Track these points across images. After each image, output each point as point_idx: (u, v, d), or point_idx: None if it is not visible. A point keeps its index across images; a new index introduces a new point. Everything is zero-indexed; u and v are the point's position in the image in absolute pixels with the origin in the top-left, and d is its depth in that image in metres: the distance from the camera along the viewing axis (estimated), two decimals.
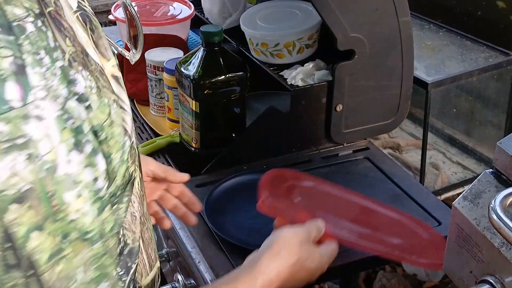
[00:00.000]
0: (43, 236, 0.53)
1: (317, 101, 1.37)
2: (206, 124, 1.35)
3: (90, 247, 0.56)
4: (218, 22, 1.69)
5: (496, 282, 0.84)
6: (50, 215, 0.53)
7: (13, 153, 0.50)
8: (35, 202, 0.52)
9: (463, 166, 1.62)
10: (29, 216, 0.52)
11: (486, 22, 1.67)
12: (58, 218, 0.53)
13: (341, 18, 1.27)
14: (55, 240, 0.53)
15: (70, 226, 0.54)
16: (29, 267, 0.52)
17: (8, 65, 0.51)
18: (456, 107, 1.67)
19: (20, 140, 0.51)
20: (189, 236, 1.18)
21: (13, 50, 0.51)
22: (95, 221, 0.56)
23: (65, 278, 0.55)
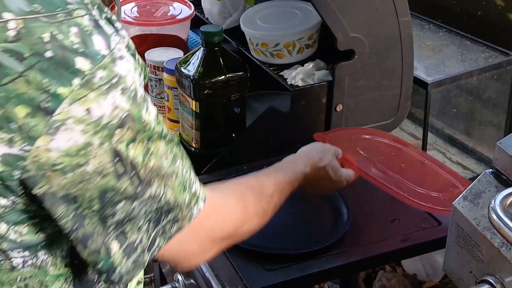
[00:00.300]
0: (137, 145, 0.68)
1: (317, 101, 1.37)
2: (206, 124, 1.35)
3: (164, 140, 0.72)
4: (218, 22, 1.69)
5: (496, 282, 0.84)
6: (141, 129, 0.69)
7: (112, 91, 0.65)
8: (131, 124, 0.67)
9: (463, 166, 1.62)
10: (128, 135, 0.67)
11: (486, 22, 1.67)
12: (146, 129, 0.69)
13: (341, 18, 1.27)
14: (143, 144, 0.69)
15: (151, 131, 0.70)
16: (132, 170, 0.69)
17: (88, 22, 0.64)
18: (456, 107, 1.67)
19: (114, 79, 0.65)
20: None
21: (84, 9, 0.65)
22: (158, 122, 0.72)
23: (158, 168, 0.71)
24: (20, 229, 0.72)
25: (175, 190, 0.74)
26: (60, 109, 0.62)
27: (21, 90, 0.62)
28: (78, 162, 0.65)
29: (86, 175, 0.66)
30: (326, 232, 1.18)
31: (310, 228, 1.20)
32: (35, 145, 0.63)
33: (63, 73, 0.62)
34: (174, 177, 0.74)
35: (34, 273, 0.76)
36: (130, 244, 0.72)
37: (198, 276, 1.14)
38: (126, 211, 0.70)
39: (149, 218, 0.73)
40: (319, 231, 1.19)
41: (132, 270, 0.74)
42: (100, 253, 0.72)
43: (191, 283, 1.19)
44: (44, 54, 0.62)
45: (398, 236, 1.16)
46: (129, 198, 0.70)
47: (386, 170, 1.19)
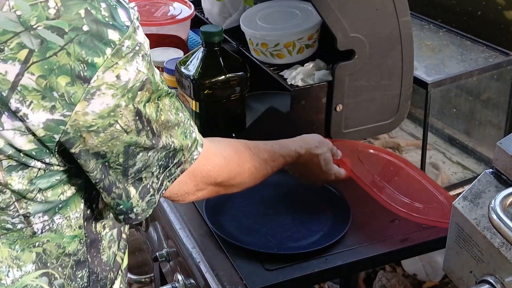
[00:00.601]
0: (151, 103, 0.78)
1: (317, 101, 1.37)
2: (206, 124, 1.35)
3: (168, 96, 0.82)
4: (218, 22, 1.68)
5: (496, 282, 0.84)
6: (155, 90, 0.78)
7: (136, 58, 0.73)
8: (149, 86, 0.76)
9: (463, 166, 1.62)
10: (146, 95, 0.76)
11: (486, 22, 1.67)
12: (158, 89, 0.79)
13: (341, 18, 1.27)
14: (155, 102, 0.79)
15: (160, 91, 0.79)
16: (147, 125, 0.78)
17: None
18: (456, 107, 1.67)
19: (137, 47, 0.73)
20: (189, 236, 1.18)
21: None
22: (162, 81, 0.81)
23: (166, 121, 0.81)
24: (47, 193, 0.80)
25: (179, 137, 0.84)
26: (96, 77, 0.71)
27: (62, 62, 0.69)
28: (109, 122, 0.74)
29: (115, 133, 0.75)
30: (326, 232, 1.18)
31: (310, 228, 1.20)
32: (74, 110, 0.71)
33: (98, 44, 0.70)
34: (177, 127, 0.84)
35: (51, 237, 0.84)
36: (144, 187, 0.84)
37: (198, 276, 1.14)
38: (144, 161, 0.81)
39: (160, 164, 0.84)
40: (319, 231, 1.19)
41: (146, 209, 0.86)
42: (122, 198, 0.82)
43: (191, 283, 1.20)
44: (82, 28, 0.69)
45: (398, 236, 1.16)
46: (146, 149, 0.80)
47: (378, 178, 1.25)
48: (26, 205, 0.79)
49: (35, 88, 0.69)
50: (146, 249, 1.65)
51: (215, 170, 0.95)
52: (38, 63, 0.69)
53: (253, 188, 1.27)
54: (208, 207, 1.21)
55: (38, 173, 0.77)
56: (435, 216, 1.17)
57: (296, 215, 1.23)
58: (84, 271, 0.89)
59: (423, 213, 1.17)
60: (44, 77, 0.69)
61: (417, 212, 1.16)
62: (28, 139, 0.73)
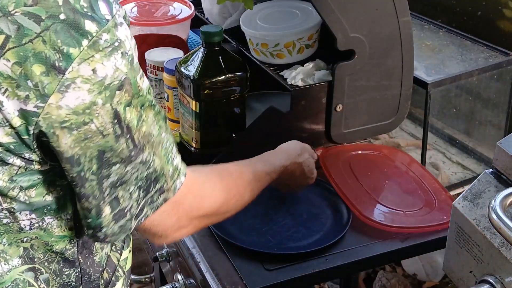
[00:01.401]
0: (132, 109, 0.75)
1: (317, 101, 1.37)
2: (206, 124, 1.35)
3: (153, 110, 0.78)
4: (218, 22, 1.68)
5: (496, 282, 0.84)
6: (136, 93, 0.75)
7: (114, 53, 0.71)
8: (128, 87, 0.73)
9: (463, 166, 1.62)
10: (125, 97, 0.73)
11: (486, 22, 1.67)
12: (140, 95, 0.75)
13: (341, 18, 1.27)
14: (137, 110, 0.75)
15: (143, 98, 0.76)
16: (127, 132, 0.75)
17: None
18: (456, 107, 1.67)
19: (116, 43, 0.71)
20: (189, 236, 1.18)
21: None
22: (149, 92, 0.78)
23: (149, 134, 0.78)
24: (30, 192, 0.78)
25: (162, 159, 0.81)
26: (71, 68, 0.69)
27: (38, 49, 0.68)
28: (84, 120, 0.71)
29: (89, 133, 0.72)
30: (326, 232, 1.18)
31: (310, 228, 1.20)
32: (47, 102, 0.69)
33: (74, 34, 0.69)
34: (161, 147, 0.80)
35: (40, 234, 0.82)
36: (120, 210, 0.79)
37: (198, 276, 1.14)
38: (120, 174, 0.77)
39: (140, 185, 0.79)
40: (319, 231, 1.19)
41: (117, 233, 0.81)
42: (91, 212, 0.78)
43: (191, 283, 1.20)
44: (59, 16, 0.68)
45: (398, 236, 1.16)
46: (124, 160, 0.76)
47: (361, 185, 1.27)
48: (11, 200, 0.78)
49: (10, 75, 0.68)
50: (146, 249, 1.65)
51: (198, 202, 0.90)
52: (14, 49, 0.68)
53: None
54: None
55: (19, 170, 0.76)
56: (414, 223, 1.18)
57: (296, 215, 1.23)
58: (72, 270, 0.88)
59: (401, 221, 1.18)
60: (19, 64, 0.68)
61: (396, 222, 1.18)
62: (5, 131, 0.71)
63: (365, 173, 1.31)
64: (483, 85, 1.60)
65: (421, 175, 1.31)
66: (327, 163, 1.32)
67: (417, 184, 1.29)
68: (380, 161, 1.37)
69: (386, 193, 1.26)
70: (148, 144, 0.78)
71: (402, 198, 1.25)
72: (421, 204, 1.22)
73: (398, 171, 1.34)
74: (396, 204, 1.22)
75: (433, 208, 1.21)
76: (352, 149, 1.40)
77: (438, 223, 1.17)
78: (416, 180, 1.30)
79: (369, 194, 1.24)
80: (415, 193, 1.26)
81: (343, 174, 1.29)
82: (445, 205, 1.21)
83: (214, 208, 0.94)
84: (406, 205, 1.22)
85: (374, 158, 1.38)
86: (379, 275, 1.62)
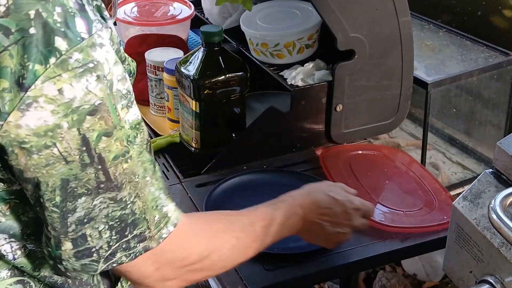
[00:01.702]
0: (112, 141, 0.68)
1: (317, 101, 1.37)
2: (206, 124, 1.35)
3: (146, 151, 0.73)
4: (218, 22, 1.68)
5: (496, 282, 0.84)
6: (117, 125, 0.68)
7: (86, 75, 0.65)
8: (105, 114, 0.67)
9: (463, 166, 1.62)
10: (100, 125, 0.67)
11: (486, 22, 1.67)
12: (121, 126, 0.69)
13: (341, 18, 1.27)
14: (122, 144, 0.69)
15: (123, 130, 0.69)
16: (99, 163, 0.68)
17: (73, 4, 0.66)
18: (456, 107, 1.67)
19: (91, 64, 0.65)
20: None
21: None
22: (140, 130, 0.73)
23: (131, 173, 0.71)
24: (3, 209, 0.74)
25: (147, 203, 0.74)
26: (34, 86, 0.64)
27: (4, 63, 0.64)
28: (45, 143, 0.65)
29: (51, 158, 0.66)
30: None
31: None
32: (6, 120, 0.64)
33: (42, 51, 0.64)
34: (147, 191, 0.74)
35: (24, 263, 0.78)
36: (86, 249, 0.72)
37: None
38: (87, 209, 0.70)
39: (111, 225, 0.72)
40: None
41: (79, 271, 0.74)
42: (51, 242, 0.72)
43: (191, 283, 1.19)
44: (28, 30, 0.63)
45: (398, 236, 1.16)
46: (90, 192, 0.69)
47: (361, 185, 1.27)
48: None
49: None
50: None
51: (181, 252, 0.81)
52: None
53: (252, 188, 1.27)
54: (208, 207, 1.21)
55: None
56: (414, 223, 1.18)
57: None
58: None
59: (401, 221, 1.19)
60: None
61: (396, 222, 1.18)
62: None
63: (365, 173, 1.31)
64: (483, 85, 1.60)
65: (421, 175, 1.31)
66: (327, 163, 1.32)
67: (417, 184, 1.29)
68: (380, 161, 1.37)
69: (386, 193, 1.26)
70: (130, 184, 0.71)
71: (402, 198, 1.25)
72: (421, 204, 1.22)
73: (398, 171, 1.34)
74: (396, 204, 1.22)
75: (433, 208, 1.21)
76: (352, 149, 1.40)
77: (438, 223, 1.17)
78: (416, 180, 1.30)
79: (369, 194, 1.24)
80: (415, 193, 1.26)
81: (343, 174, 1.29)
82: (445, 205, 1.21)
83: (202, 256, 0.83)
84: (406, 205, 1.22)
85: (374, 158, 1.38)
86: (379, 275, 1.62)
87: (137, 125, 0.73)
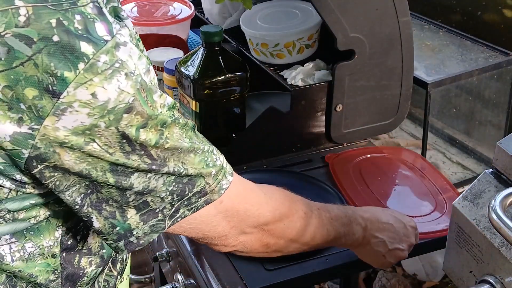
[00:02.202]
0: (149, 130, 0.70)
1: (317, 101, 1.37)
2: (206, 124, 1.35)
3: (178, 125, 0.74)
4: (218, 22, 1.68)
5: (496, 282, 0.84)
6: (152, 115, 0.70)
7: (116, 75, 0.66)
8: (140, 109, 0.69)
9: (463, 166, 1.62)
10: (137, 120, 0.69)
11: (486, 22, 1.67)
12: (157, 115, 0.71)
13: (341, 18, 1.27)
14: (156, 129, 0.71)
15: (163, 117, 0.72)
16: (141, 149, 0.71)
17: (91, 10, 0.67)
18: (456, 107, 1.67)
19: (117, 64, 0.66)
20: None
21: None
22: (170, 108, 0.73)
23: (174, 148, 0.74)
24: (18, 214, 0.75)
25: (196, 165, 0.77)
26: (66, 92, 0.65)
27: (29, 73, 0.64)
28: (85, 140, 0.67)
29: (94, 151, 0.68)
30: None
31: None
32: (43, 124, 0.66)
33: (69, 57, 0.64)
34: (193, 155, 0.77)
35: (22, 267, 0.78)
36: (150, 211, 0.76)
37: (198, 276, 1.14)
38: (143, 183, 0.73)
39: (170, 190, 0.76)
40: None
41: (149, 233, 0.78)
42: (116, 217, 0.75)
43: (191, 283, 1.19)
44: (52, 38, 0.64)
45: None
46: (141, 171, 0.72)
47: (371, 192, 1.27)
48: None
49: (0, 98, 0.65)
50: (146, 249, 1.65)
51: (255, 208, 0.85)
52: (4, 72, 0.64)
53: None
54: None
55: (9, 194, 0.72)
56: (423, 228, 1.17)
57: None
58: None
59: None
60: (10, 88, 0.65)
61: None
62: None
63: (375, 178, 1.31)
64: (483, 85, 1.60)
65: (434, 178, 1.30)
66: (336, 169, 1.32)
67: (428, 187, 1.28)
68: (391, 165, 1.37)
69: (396, 199, 1.25)
70: (173, 157, 0.75)
71: (413, 202, 1.24)
72: (432, 208, 1.22)
73: (410, 175, 1.33)
74: (406, 209, 1.21)
75: (443, 213, 1.20)
76: (362, 153, 1.40)
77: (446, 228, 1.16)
78: (427, 182, 1.29)
79: (379, 201, 1.23)
80: (427, 196, 1.26)
81: (353, 180, 1.29)
82: None
83: (275, 217, 0.88)
84: (417, 210, 1.21)
85: (384, 161, 1.38)
86: (379, 275, 1.62)
87: (174, 104, 0.75)
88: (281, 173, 1.33)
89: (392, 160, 1.38)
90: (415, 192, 1.27)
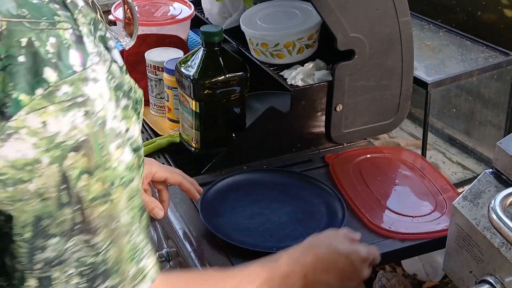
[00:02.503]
0: (94, 181, 0.64)
1: (317, 101, 1.37)
2: (206, 124, 1.35)
3: (128, 195, 0.67)
4: (218, 22, 1.69)
5: (496, 282, 0.84)
6: (101, 164, 0.64)
7: (74, 110, 0.62)
8: (89, 151, 0.63)
9: (463, 166, 1.62)
10: (83, 162, 0.63)
11: (486, 22, 1.67)
12: (107, 167, 0.65)
13: (341, 18, 1.27)
14: (104, 185, 0.65)
15: (115, 174, 0.65)
16: (77, 203, 0.64)
17: (69, 36, 0.62)
18: (456, 107, 1.67)
19: (80, 99, 0.62)
20: (189, 236, 1.18)
21: (71, 24, 0.63)
22: (131, 170, 0.67)
23: (109, 218, 0.66)
24: None
25: (122, 253, 0.69)
26: (17, 116, 0.60)
27: None
28: (22, 178, 0.62)
29: (26, 194, 0.62)
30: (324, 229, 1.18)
31: (307, 226, 1.19)
32: None
33: (30, 81, 0.60)
34: (126, 239, 0.69)
35: None
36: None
37: None
38: (58, 251, 0.65)
39: (81, 271, 0.67)
40: (316, 228, 1.18)
41: None
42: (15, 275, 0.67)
43: None
44: (17, 58, 0.60)
45: (398, 236, 1.16)
46: (65, 234, 0.65)
47: (371, 192, 1.26)
48: None
49: None
50: None
51: None
52: None
53: (249, 188, 1.27)
54: (203, 208, 1.21)
55: None
56: (423, 228, 1.17)
57: (291, 213, 1.23)
58: None
59: (410, 227, 1.17)
60: None
61: (405, 228, 1.17)
62: None
63: (375, 178, 1.30)
64: (483, 85, 1.60)
65: (434, 178, 1.30)
66: (336, 169, 1.32)
67: (428, 186, 1.28)
68: (391, 164, 1.36)
69: (396, 199, 1.25)
70: (106, 229, 0.66)
71: (412, 202, 1.24)
72: (432, 208, 1.22)
73: (410, 175, 1.33)
74: (405, 210, 1.20)
75: (443, 213, 1.20)
76: (361, 153, 1.39)
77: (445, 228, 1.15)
78: (427, 182, 1.29)
79: (378, 201, 1.23)
80: (427, 197, 1.25)
81: (353, 181, 1.29)
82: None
83: None
84: (416, 210, 1.21)
85: (384, 161, 1.37)
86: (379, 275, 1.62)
87: (134, 168, 0.68)
88: (281, 173, 1.33)
89: (392, 160, 1.38)
90: (415, 192, 1.27)
